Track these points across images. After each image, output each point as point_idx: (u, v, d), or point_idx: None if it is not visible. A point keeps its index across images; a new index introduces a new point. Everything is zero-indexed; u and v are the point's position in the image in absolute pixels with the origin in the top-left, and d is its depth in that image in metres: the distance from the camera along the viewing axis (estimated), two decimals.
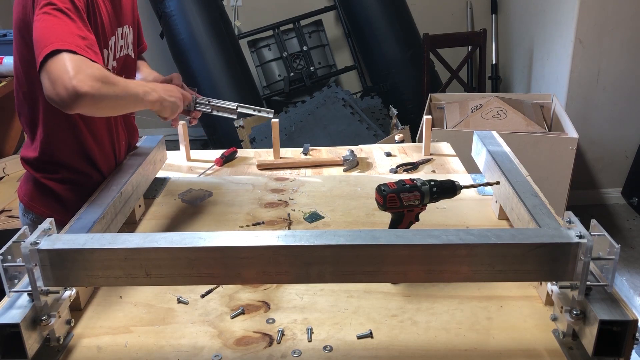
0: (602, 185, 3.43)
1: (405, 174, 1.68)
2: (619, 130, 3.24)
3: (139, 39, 1.58)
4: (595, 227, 0.89)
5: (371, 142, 2.78)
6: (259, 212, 1.42)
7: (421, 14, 4.05)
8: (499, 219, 1.34)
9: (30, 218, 1.41)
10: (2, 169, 2.78)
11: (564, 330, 0.91)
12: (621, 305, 0.84)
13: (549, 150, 2.53)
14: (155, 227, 1.36)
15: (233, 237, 0.88)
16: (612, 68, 3.08)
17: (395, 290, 1.07)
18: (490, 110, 2.81)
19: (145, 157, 1.47)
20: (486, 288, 1.07)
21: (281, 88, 4.01)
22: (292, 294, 1.07)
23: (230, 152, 1.84)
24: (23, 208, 1.43)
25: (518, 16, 3.96)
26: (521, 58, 3.90)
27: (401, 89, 3.86)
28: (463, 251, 0.86)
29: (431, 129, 1.84)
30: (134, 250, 0.86)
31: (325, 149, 1.91)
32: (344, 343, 0.94)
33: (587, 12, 2.96)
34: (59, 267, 0.87)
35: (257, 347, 0.93)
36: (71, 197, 1.35)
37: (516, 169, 1.29)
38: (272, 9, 4.16)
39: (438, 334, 0.96)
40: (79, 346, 0.94)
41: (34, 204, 1.40)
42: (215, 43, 3.62)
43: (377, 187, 1.09)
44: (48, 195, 1.38)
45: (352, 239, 0.87)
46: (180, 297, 1.06)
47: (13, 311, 0.84)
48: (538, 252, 0.86)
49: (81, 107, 1.08)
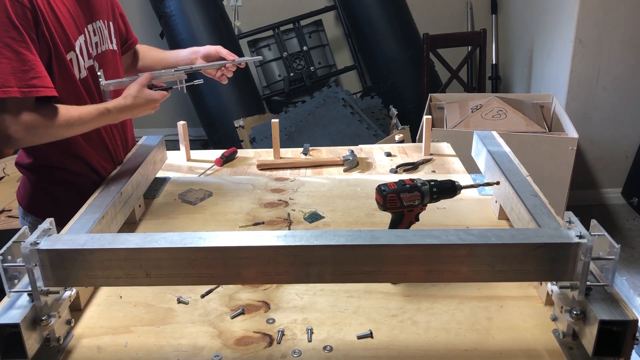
0: (602, 185, 3.43)
1: (405, 174, 1.68)
2: (619, 130, 3.24)
3: (127, 32, 1.56)
4: (595, 227, 0.89)
5: (371, 142, 2.79)
6: (259, 212, 1.42)
7: (421, 14, 4.05)
8: (499, 219, 1.34)
9: (29, 221, 1.41)
10: (2, 169, 2.79)
11: (564, 330, 0.91)
12: (621, 305, 0.84)
13: (549, 150, 2.53)
14: (155, 227, 1.36)
15: (233, 237, 0.88)
16: (612, 68, 3.08)
17: (395, 290, 1.07)
18: (490, 110, 2.81)
19: (145, 157, 1.47)
20: (486, 288, 1.07)
21: (281, 88, 4.01)
22: (292, 294, 1.07)
23: (230, 152, 1.84)
24: (22, 211, 1.43)
25: (518, 16, 3.96)
26: (521, 58, 3.90)
27: (401, 89, 3.86)
28: (463, 251, 0.86)
29: (431, 129, 1.84)
30: (134, 250, 0.86)
31: (325, 149, 1.91)
32: (344, 343, 0.94)
33: (587, 12, 2.96)
34: (59, 267, 0.87)
35: (257, 347, 0.93)
36: (69, 198, 1.35)
37: (516, 169, 1.29)
38: (272, 9, 4.16)
39: (438, 334, 0.96)
40: (79, 346, 0.94)
41: (33, 206, 1.40)
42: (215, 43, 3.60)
43: (377, 187, 1.09)
44: (46, 198, 1.38)
45: (352, 239, 0.87)
46: (180, 297, 1.06)
47: (13, 311, 0.84)
48: (538, 252, 0.86)
49: (22, 146, 1.19)
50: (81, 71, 1.29)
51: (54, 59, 1.21)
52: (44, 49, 1.19)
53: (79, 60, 1.28)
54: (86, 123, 1.24)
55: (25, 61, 1.13)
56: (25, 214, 1.42)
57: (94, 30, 1.35)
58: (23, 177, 1.41)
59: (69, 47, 1.25)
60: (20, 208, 1.43)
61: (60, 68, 1.23)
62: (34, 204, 1.40)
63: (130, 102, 1.29)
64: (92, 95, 1.34)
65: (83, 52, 1.30)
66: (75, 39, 1.26)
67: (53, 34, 1.19)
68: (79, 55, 1.28)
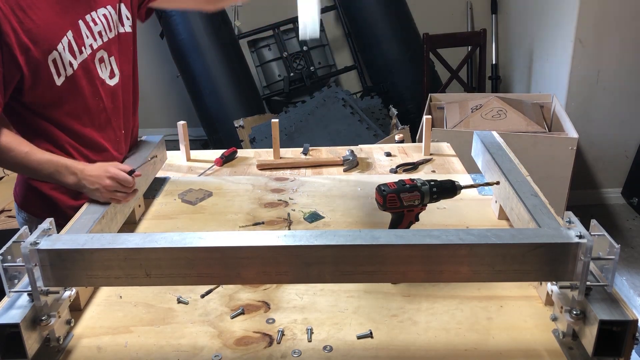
0: (602, 185, 3.43)
1: (405, 174, 1.68)
2: (619, 130, 3.24)
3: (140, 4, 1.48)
4: (595, 227, 0.89)
5: (371, 142, 2.78)
6: (259, 212, 1.42)
7: (421, 14, 4.04)
8: (499, 219, 1.34)
9: (23, 217, 1.43)
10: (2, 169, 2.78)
11: (564, 330, 0.91)
12: (621, 305, 0.84)
13: (549, 150, 2.53)
14: (155, 227, 1.36)
15: (233, 237, 0.88)
16: (612, 68, 3.08)
17: (395, 290, 1.07)
18: (490, 110, 2.81)
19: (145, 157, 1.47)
20: (486, 288, 1.07)
21: (281, 88, 4.01)
22: (292, 294, 1.07)
23: (230, 152, 1.84)
24: (17, 206, 1.45)
25: (518, 16, 3.96)
26: (521, 58, 3.90)
27: (401, 89, 3.86)
28: (463, 251, 0.86)
29: (431, 129, 1.84)
30: (134, 250, 0.86)
31: (325, 149, 1.91)
32: (344, 343, 0.94)
33: (587, 12, 2.96)
34: (59, 267, 0.87)
35: (257, 347, 0.93)
36: (59, 196, 1.36)
37: (516, 169, 1.29)
38: (272, 9, 4.16)
39: (438, 334, 0.96)
40: (79, 346, 0.94)
41: (26, 203, 1.42)
42: (215, 43, 3.62)
43: (377, 187, 1.09)
44: (38, 196, 1.39)
45: (352, 239, 0.87)
46: (180, 297, 1.06)
47: (13, 311, 0.84)
48: (538, 252, 0.86)
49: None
50: (67, 69, 1.24)
51: (28, 69, 1.18)
52: (10, 62, 1.15)
53: (63, 57, 1.23)
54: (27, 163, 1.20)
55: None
56: (19, 209, 1.44)
57: (96, 19, 1.30)
58: (18, 175, 1.43)
59: (49, 49, 1.20)
60: (15, 204, 1.46)
61: (36, 77, 1.20)
62: (27, 201, 1.42)
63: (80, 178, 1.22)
64: (79, 94, 1.29)
65: (73, 48, 1.25)
66: (58, 38, 1.22)
67: (25, 45, 1.15)
68: (64, 52, 1.23)
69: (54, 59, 1.22)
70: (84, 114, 1.33)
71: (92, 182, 1.20)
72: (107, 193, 1.20)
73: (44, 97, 1.24)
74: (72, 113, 1.30)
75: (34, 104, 1.25)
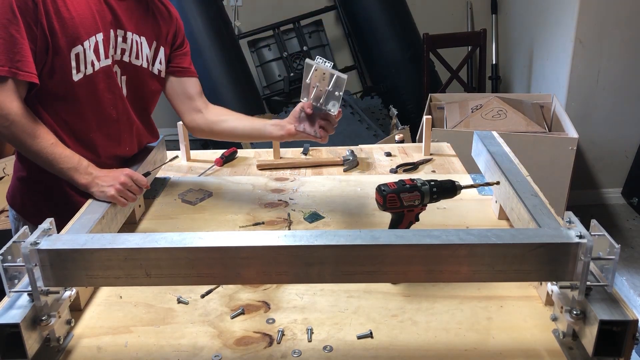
0: (602, 185, 3.43)
1: (405, 174, 1.68)
2: (619, 130, 3.24)
3: (180, 61, 1.51)
4: (595, 227, 0.89)
5: (371, 142, 2.79)
6: (259, 212, 1.42)
7: (421, 14, 4.05)
8: (499, 219, 1.34)
9: (13, 215, 1.45)
10: (2, 169, 2.78)
11: (564, 330, 0.91)
12: (621, 305, 0.84)
13: (549, 150, 2.53)
14: (155, 227, 1.36)
15: (233, 237, 0.88)
16: (612, 68, 3.08)
17: (395, 290, 1.07)
18: (490, 110, 2.81)
19: (145, 157, 1.47)
20: (486, 288, 1.07)
21: (281, 88, 4.01)
22: (292, 294, 1.07)
23: (230, 152, 1.84)
24: (8, 205, 1.47)
25: (518, 16, 3.96)
26: (521, 58, 3.90)
27: (401, 89, 3.86)
28: (463, 251, 0.86)
29: (431, 129, 1.84)
30: (134, 250, 0.86)
31: (325, 149, 1.91)
32: (344, 343, 0.94)
33: (587, 12, 2.96)
34: (59, 267, 0.87)
35: (257, 347, 0.93)
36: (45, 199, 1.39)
37: (516, 169, 1.29)
38: (272, 9, 4.16)
39: (438, 334, 0.96)
40: (79, 346, 0.94)
41: (13, 202, 1.43)
42: (215, 43, 3.62)
43: (377, 187, 1.09)
44: (32, 195, 1.40)
45: (352, 239, 0.87)
46: (180, 297, 1.06)
47: (13, 311, 0.84)
48: (538, 252, 0.86)
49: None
50: (87, 67, 1.26)
51: (51, 54, 1.21)
52: (42, 41, 1.19)
53: (87, 55, 1.25)
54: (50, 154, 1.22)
55: (15, 43, 1.15)
56: (10, 207, 1.45)
57: (123, 38, 1.32)
58: (13, 175, 1.43)
59: (75, 42, 1.22)
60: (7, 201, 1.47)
61: (55, 64, 1.22)
62: (15, 200, 1.43)
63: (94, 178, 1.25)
64: (95, 96, 1.30)
65: (99, 49, 1.27)
66: (88, 34, 1.24)
67: (54, 29, 1.19)
68: (89, 50, 1.25)
69: (77, 53, 1.23)
70: (92, 118, 1.33)
71: (107, 180, 1.24)
72: (119, 191, 1.22)
73: (59, 89, 1.25)
74: (82, 114, 1.30)
75: (47, 95, 1.25)
